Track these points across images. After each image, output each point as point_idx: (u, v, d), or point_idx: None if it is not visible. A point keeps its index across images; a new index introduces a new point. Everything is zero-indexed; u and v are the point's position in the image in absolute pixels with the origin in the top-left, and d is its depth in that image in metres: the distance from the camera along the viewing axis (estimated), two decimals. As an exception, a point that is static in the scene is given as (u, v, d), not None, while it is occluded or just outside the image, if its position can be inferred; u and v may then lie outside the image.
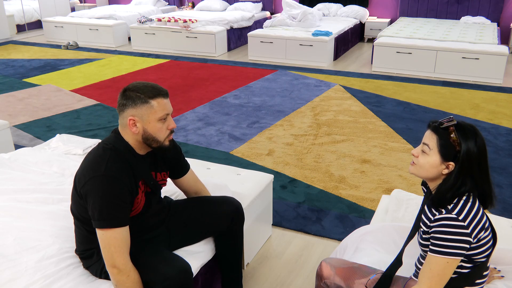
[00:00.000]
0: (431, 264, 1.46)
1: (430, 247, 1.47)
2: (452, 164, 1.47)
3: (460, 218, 1.43)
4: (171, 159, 1.96)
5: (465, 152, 1.44)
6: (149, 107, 1.70)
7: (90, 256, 1.81)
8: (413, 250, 1.75)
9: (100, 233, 1.65)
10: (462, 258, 1.45)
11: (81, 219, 1.76)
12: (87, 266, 1.84)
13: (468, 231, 1.43)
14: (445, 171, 1.49)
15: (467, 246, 1.43)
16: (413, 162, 1.56)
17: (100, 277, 1.80)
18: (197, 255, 1.99)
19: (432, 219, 1.49)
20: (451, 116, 1.51)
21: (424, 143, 1.52)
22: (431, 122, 1.53)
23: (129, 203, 1.70)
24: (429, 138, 1.51)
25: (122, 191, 1.66)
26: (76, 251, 1.88)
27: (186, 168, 2.06)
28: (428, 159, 1.50)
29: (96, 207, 1.64)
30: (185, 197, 2.21)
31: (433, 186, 1.56)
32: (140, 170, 1.77)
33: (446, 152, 1.47)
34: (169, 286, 1.66)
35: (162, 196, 2.23)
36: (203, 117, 4.87)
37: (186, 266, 1.74)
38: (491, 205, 1.54)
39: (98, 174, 1.65)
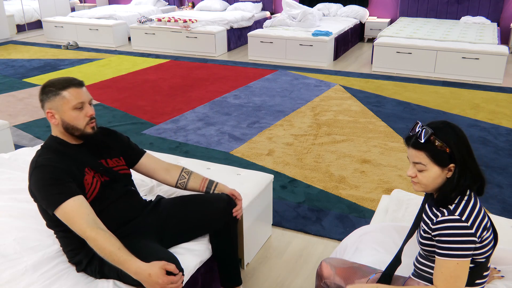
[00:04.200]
0: (442, 268, 1.46)
1: (437, 250, 1.47)
2: (452, 166, 1.47)
3: (463, 218, 1.43)
4: (121, 150, 2.02)
5: (456, 149, 1.45)
6: (61, 98, 1.80)
7: (80, 261, 1.81)
8: (413, 249, 1.75)
9: (58, 214, 1.69)
10: (471, 258, 1.45)
11: (53, 224, 1.80)
12: (80, 270, 1.83)
13: (473, 231, 1.43)
14: (449, 174, 1.48)
15: (473, 245, 1.43)
16: (414, 182, 1.54)
17: (96, 277, 1.80)
18: (195, 252, 1.99)
19: (434, 220, 1.48)
20: (418, 122, 1.50)
21: (415, 163, 1.50)
22: (407, 140, 1.51)
23: (68, 180, 1.73)
24: (417, 156, 1.48)
25: (56, 172, 1.73)
26: (68, 260, 1.87)
27: (140, 153, 2.11)
28: (429, 174, 1.48)
29: (42, 196, 1.71)
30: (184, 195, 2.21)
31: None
32: (79, 158, 1.83)
33: (441, 159, 1.46)
34: None
35: (156, 194, 2.23)
36: (203, 117, 4.87)
37: (173, 259, 1.71)
38: (485, 184, 1.52)
39: (32, 170, 1.76)
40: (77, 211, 1.67)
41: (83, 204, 1.70)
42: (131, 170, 2.09)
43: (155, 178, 2.15)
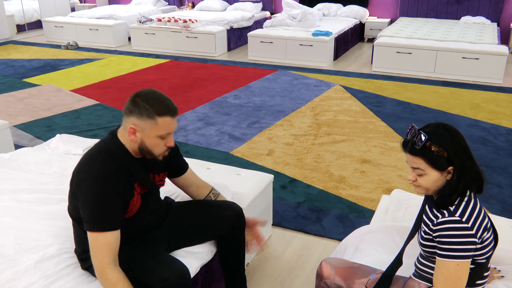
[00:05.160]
0: (442, 269, 1.46)
1: (438, 251, 1.47)
2: (451, 168, 1.47)
3: (464, 219, 1.43)
4: (170, 161, 1.96)
5: (453, 152, 1.45)
6: (153, 123, 1.67)
7: (88, 258, 1.81)
8: (413, 250, 1.75)
9: (90, 236, 1.66)
10: (472, 259, 1.45)
11: (77, 219, 1.76)
12: (85, 267, 1.83)
13: (473, 232, 1.43)
14: (449, 177, 1.49)
15: (474, 246, 1.43)
16: (415, 185, 1.54)
17: None
18: (197, 255, 1.99)
19: (435, 221, 1.48)
20: (414, 126, 1.50)
21: (414, 168, 1.51)
22: (403, 145, 1.52)
23: (120, 206, 1.69)
24: (415, 162, 1.49)
25: (113, 194, 1.66)
26: (75, 251, 1.88)
27: (185, 167, 2.07)
28: (429, 178, 1.49)
29: (86, 209, 1.65)
30: (186, 197, 2.21)
31: None
32: (136, 172, 1.77)
33: (439, 164, 1.46)
34: None
35: (163, 196, 2.23)
36: (203, 117, 4.87)
37: (185, 270, 1.74)
38: (484, 183, 1.53)
39: (90, 177, 1.65)
40: (108, 246, 1.64)
41: (116, 242, 1.67)
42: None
43: (184, 191, 2.13)
